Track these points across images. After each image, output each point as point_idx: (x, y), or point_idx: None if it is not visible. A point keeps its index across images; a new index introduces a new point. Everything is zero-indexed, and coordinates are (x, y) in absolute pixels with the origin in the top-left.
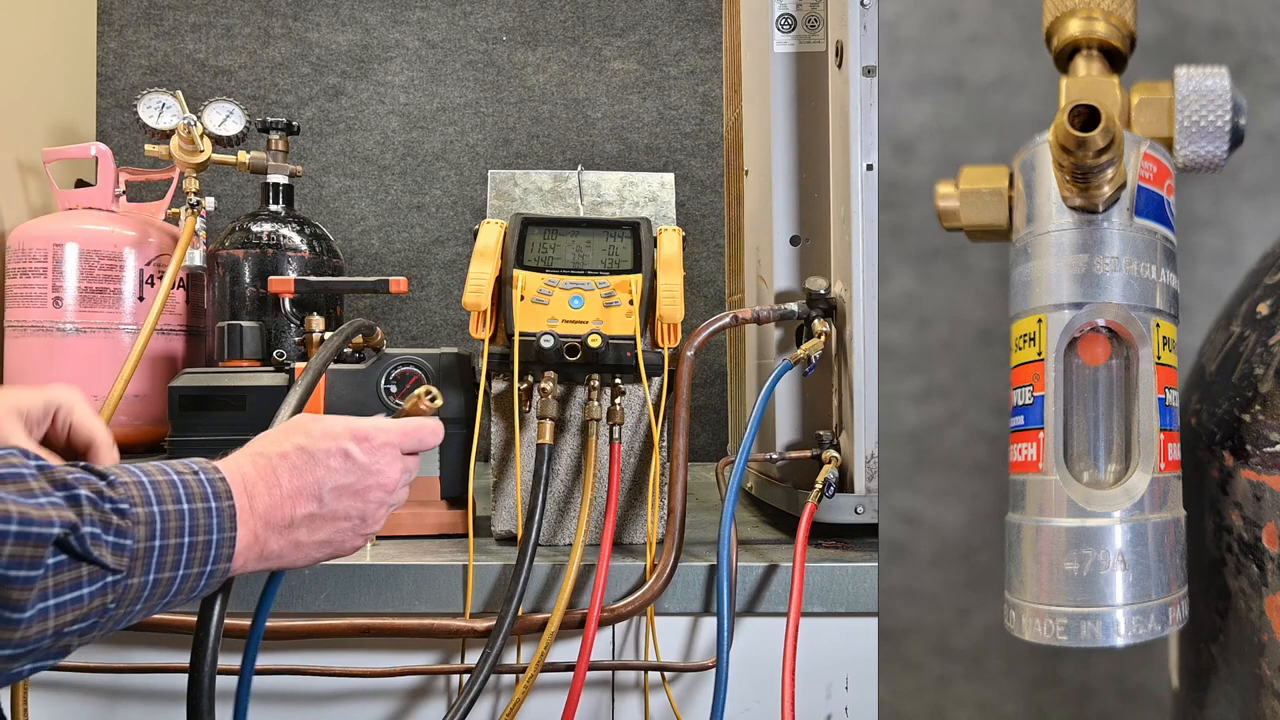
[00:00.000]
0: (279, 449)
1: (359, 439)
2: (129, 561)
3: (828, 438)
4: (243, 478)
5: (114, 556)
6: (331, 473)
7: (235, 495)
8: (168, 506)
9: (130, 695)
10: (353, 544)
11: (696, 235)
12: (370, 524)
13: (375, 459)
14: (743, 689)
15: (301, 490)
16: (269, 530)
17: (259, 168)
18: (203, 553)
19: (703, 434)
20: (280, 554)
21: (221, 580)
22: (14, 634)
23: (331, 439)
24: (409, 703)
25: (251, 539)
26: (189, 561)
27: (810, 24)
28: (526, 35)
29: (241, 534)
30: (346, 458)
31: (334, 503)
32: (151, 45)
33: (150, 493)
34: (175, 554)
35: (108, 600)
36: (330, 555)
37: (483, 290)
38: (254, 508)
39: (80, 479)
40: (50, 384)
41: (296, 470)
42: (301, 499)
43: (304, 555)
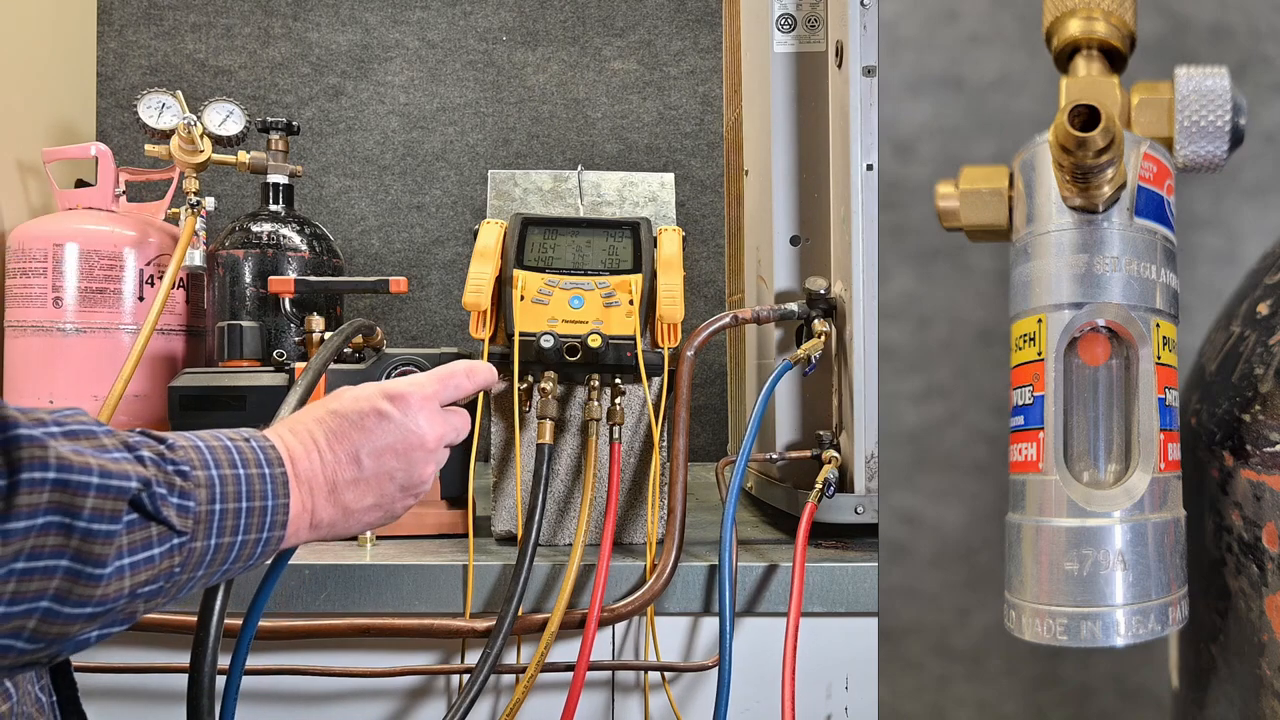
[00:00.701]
0: (314, 415)
1: (392, 398)
2: (193, 524)
3: (828, 438)
4: (285, 445)
5: (179, 518)
6: (368, 434)
7: (284, 462)
8: (225, 471)
9: (131, 695)
10: (403, 504)
11: (696, 235)
12: (416, 484)
13: (412, 416)
14: (743, 689)
15: (340, 455)
16: (315, 497)
17: (259, 168)
18: (259, 519)
19: (703, 434)
20: (332, 522)
21: (276, 549)
22: (95, 591)
23: (365, 400)
24: (409, 703)
25: (300, 507)
26: (247, 527)
27: (810, 24)
28: (526, 35)
29: (292, 501)
30: (382, 417)
31: (375, 465)
32: (151, 45)
33: (208, 457)
34: (234, 519)
35: (175, 562)
36: (382, 520)
37: (483, 290)
38: (298, 474)
39: (140, 441)
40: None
41: (333, 435)
42: (341, 464)
43: (356, 521)
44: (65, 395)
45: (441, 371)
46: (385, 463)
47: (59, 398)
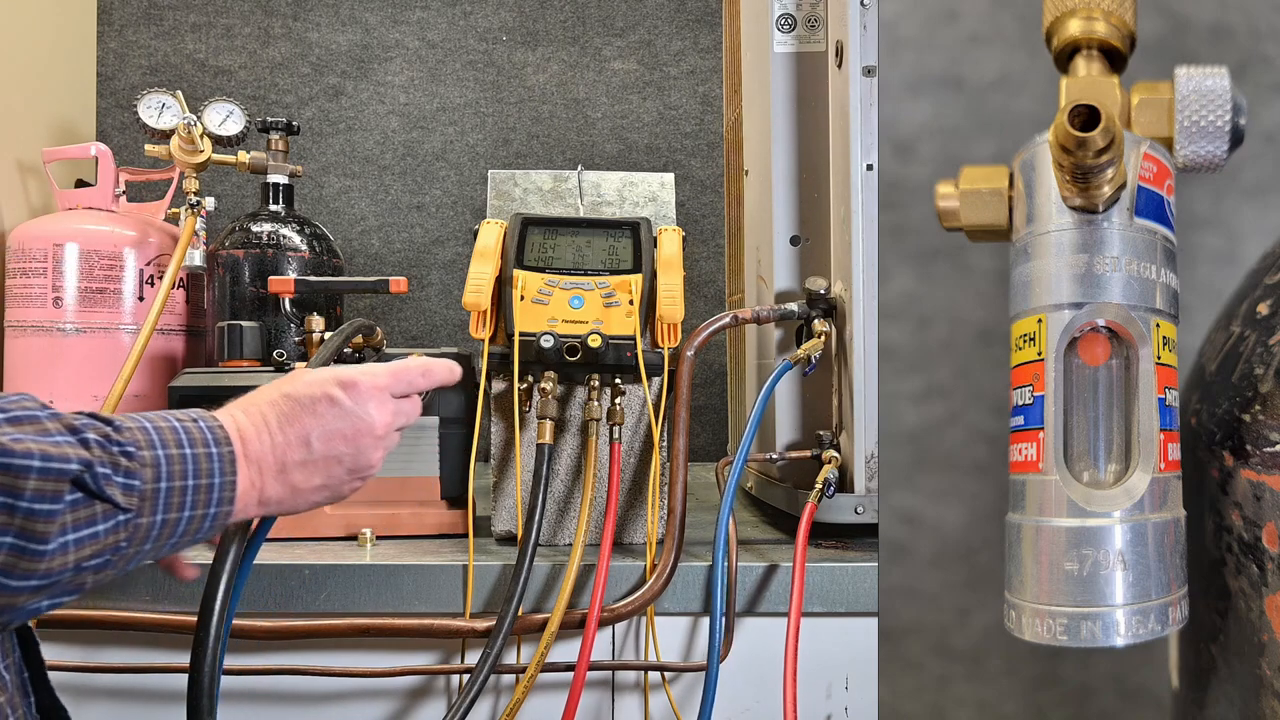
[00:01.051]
0: (268, 398)
1: (345, 385)
2: (139, 501)
3: (828, 438)
4: (236, 425)
5: (124, 496)
6: (319, 419)
7: (232, 441)
8: (171, 450)
9: (131, 695)
10: (350, 487)
11: (696, 235)
12: (364, 469)
13: (362, 404)
14: (743, 689)
15: (290, 437)
16: (264, 475)
17: (259, 168)
18: (206, 495)
19: (703, 434)
20: (280, 500)
21: (224, 523)
22: (39, 565)
23: (317, 386)
24: (409, 703)
25: (248, 484)
26: (194, 503)
27: (810, 24)
28: (526, 35)
29: (240, 479)
30: (333, 403)
31: (324, 448)
32: (151, 45)
33: (154, 437)
34: (180, 495)
35: (120, 538)
36: (329, 500)
37: (483, 290)
38: (248, 453)
39: (87, 424)
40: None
41: (285, 418)
42: (292, 446)
43: (303, 500)
44: (65, 395)
45: (397, 366)
46: (334, 447)
47: (59, 398)
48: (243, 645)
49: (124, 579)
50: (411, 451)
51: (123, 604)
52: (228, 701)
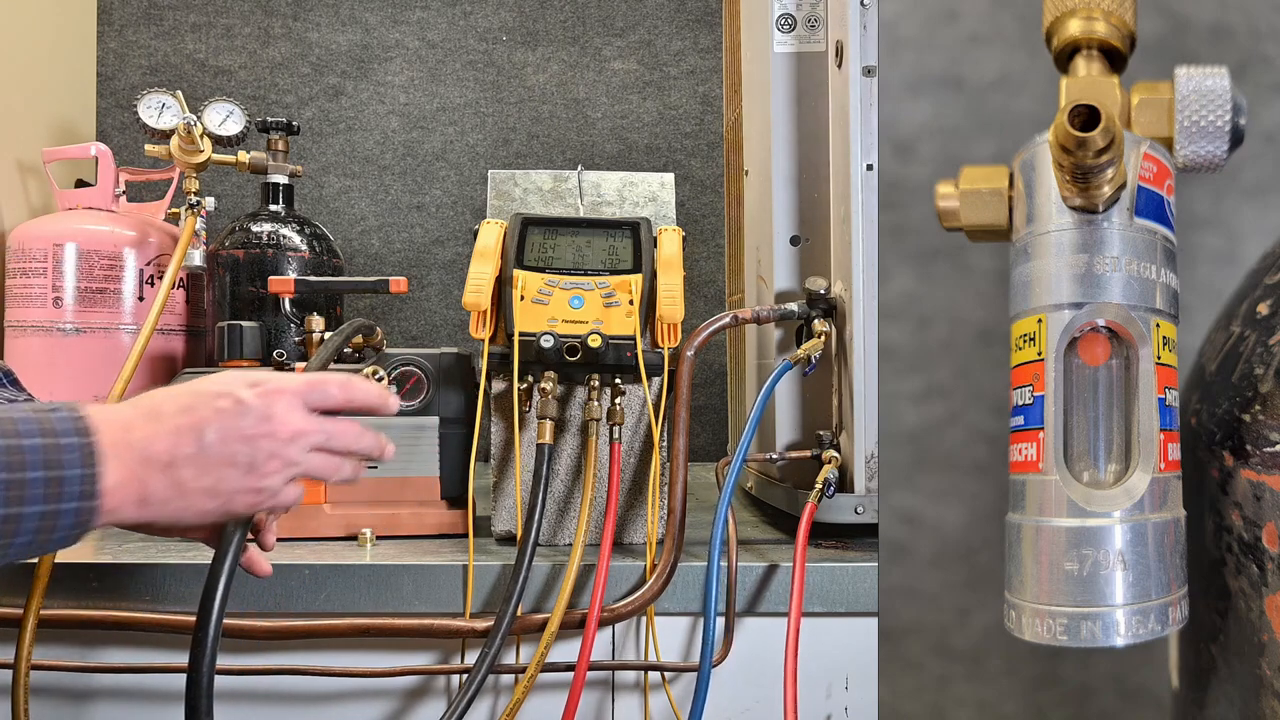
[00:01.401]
0: (168, 392)
1: (252, 384)
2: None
3: (828, 438)
4: (119, 416)
5: None
6: (219, 414)
7: (100, 432)
8: (10, 441)
9: (131, 695)
10: (244, 501)
11: (696, 235)
12: (261, 477)
13: (268, 403)
14: (743, 689)
15: (183, 426)
16: (148, 467)
17: (259, 168)
18: (57, 489)
19: (703, 434)
20: (165, 498)
21: (90, 520)
22: None
23: (224, 384)
24: (408, 703)
25: (128, 475)
26: (44, 497)
27: (810, 24)
28: (526, 35)
29: (113, 469)
30: (236, 401)
31: (220, 447)
32: (151, 45)
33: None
34: (19, 489)
35: None
36: (220, 511)
37: (483, 290)
38: (130, 440)
39: None
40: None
41: (182, 409)
42: (183, 436)
43: (190, 504)
44: (65, 395)
45: (314, 375)
46: (230, 446)
47: (59, 398)
48: (242, 645)
49: (124, 579)
50: (411, 451)
51: (122, 604)
52: (228, 701)
